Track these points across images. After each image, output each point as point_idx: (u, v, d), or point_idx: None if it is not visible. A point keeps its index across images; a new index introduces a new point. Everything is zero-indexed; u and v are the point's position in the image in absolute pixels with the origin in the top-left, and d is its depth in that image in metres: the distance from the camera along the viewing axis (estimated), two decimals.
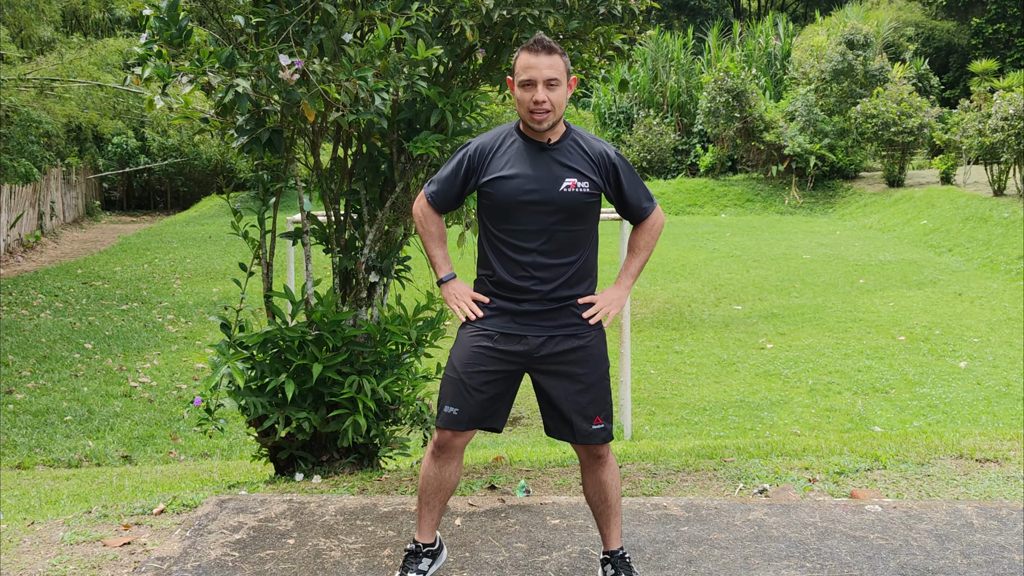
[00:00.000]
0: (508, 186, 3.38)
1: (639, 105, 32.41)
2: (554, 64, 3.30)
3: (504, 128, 3.52)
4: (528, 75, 3.31)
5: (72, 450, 8.71)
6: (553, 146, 3.41)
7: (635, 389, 10.57)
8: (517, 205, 3.38)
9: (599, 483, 3.55)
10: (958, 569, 3.68)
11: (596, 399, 3.47)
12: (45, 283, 17.46)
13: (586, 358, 3.46)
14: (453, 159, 3.50)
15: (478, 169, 3.45)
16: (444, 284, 3.56)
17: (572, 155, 3.41)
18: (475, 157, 3.46)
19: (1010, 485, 4.77)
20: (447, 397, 3.45)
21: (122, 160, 30.28)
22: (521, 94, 3.34)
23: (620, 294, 3.54)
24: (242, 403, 4.97)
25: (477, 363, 3.42)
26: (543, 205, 3.37)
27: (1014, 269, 16.57)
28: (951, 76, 36.06)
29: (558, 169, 3.38)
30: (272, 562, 3.79)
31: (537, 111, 3.32)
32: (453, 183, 3.50)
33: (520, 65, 3.34)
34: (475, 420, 3.45)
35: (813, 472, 5.06)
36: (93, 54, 19.51)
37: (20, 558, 3.95)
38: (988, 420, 9.00)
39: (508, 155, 3.42)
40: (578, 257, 3.44)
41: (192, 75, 4.42)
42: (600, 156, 3.44)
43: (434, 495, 3.53)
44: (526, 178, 3.37)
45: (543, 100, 3.30)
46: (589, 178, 3.40)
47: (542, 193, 3.36)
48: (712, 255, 19.87)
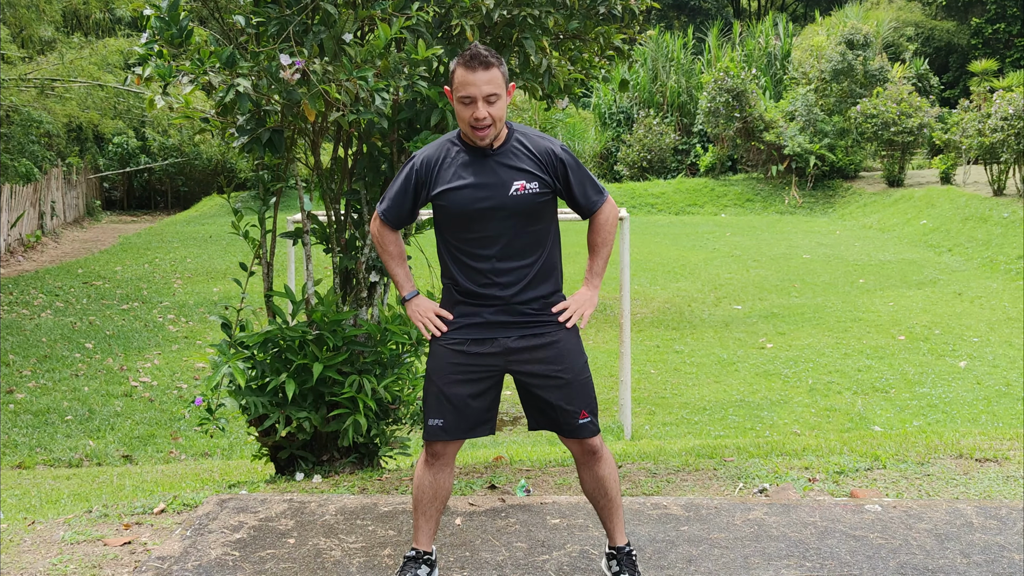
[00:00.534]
0: (458, 197, 3.37)
1: (639, 105, 32.42)
2: (492, 79, 3.26)
3: (447, 137, 3.48)
4: (466, 92, 3.26)
5: (73, 450, 8.72)
6: (497, 151, 3.39)
7: (635, 388, 10.58)
8: (471, 214, 3.37)
9: (597, 478, 3.56)
10: (958, 568, 3.68)
11: (579, 393, 3.47)
12: (46, 283, 17.47)
13: (561, 354, 3.46)
14: (400, 174, 3.48)
15: (427, 183, 3.42)
16: (408, 302, 3.57)
17: (518, 157, 3.39)
18: (422, 171, 3.42)
19: (1010, 484, 4.77)
20: (430, 409, 3.47)
21: (123, 160, 30.27)
22: (461, 110, 3.31)
23: (591, 294, 3.56)
24: (243, 403, 4.98)
25: (453, 373, 3.44)
26: (496, 211, 3.36)
27: (1014, 269, 16.58)
28: (951, 76, 36.07)
29: (505, 173, 3.37)
30: (272, 561, 3.79)
31: (478, 127, 3.30)
32: (404, 199, 3.48)
33: (458, 81, 3.29)
34: (462, 429, 3.47)
35: (813, 472, 5.06)
36: (94, 54, 19.52)
37: (21, 557, 3.95)
38: (988, 420, 9.01)
39: (454, 165, 3.40)
40: (538, 257, 3.45)
41: (193, 75, 4.42)
42: (546, 154, 3.41)
43: (430, 503, 3.54)
44: (475, 187, 3.36)
45: (484, 116, 3.27)
46: (538, 177, 3.38)
47: (493, 200, 3.35)
48: (712, 255, 19.88)
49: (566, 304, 3.50)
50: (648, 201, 27.84)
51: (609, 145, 32.02)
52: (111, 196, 32.17)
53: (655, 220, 25.74)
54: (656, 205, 27.69)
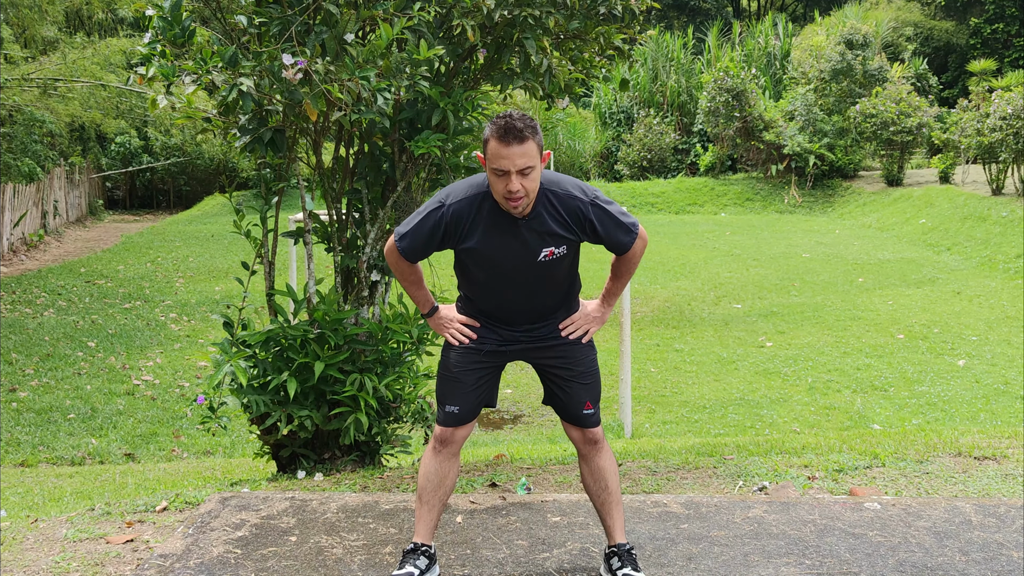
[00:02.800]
0: (484, 258, 3.41)
1: (639, 105, 32.42)
2: (526, 152, 3.20)
3: (479, 189, 3.38)
4: (500, 165, 3.21)
5: (75, 448, 8.73)
6: (528, 217, 3.35)
7: (635, 387, 10.59)
8: (494, 273, 3.44)
9: (597, 469, 3.63)
10: (957, 566, 3.69)
11: (586, 386, 3.62)
12: (48, 282, 17.47)
13: (572, 351, 3.62)
14: (428, 219, 3.39)
15: (454, 236, 3.39)
16: (431, 317, 3.65)
17: (547, 222, 3.35)
18: (451, 224, 3.37)
19: (1008, 483, 4.78)
20: (447, 396, 3.58)
21: (125, 159, 30.27)
22: (494, 180, 3.26)
23: (601, 312, 3.64)
24: (244, 401, 5.00)
25: (473, 363, 3.58)
26: (521, 272, 3.42)
27: (1012, 268, 16.59)
28: (950, 76, 36.06)
29: (535, 240, 3.36)
30: (274, 559, 3.80)
31: (512, 199, 3.25)
32: (428, 244, 3.43)
33: (491, 152, 3.22)
34: (475, 411, 3.61)
35: (812, 470, 5.07)
36: (96, 54, 19.51)
37: (23, 555, 3.96)
38: (987, 418, 9.02)
39: (483, 225, 3.36)
40: (557, 296, 3.57)
41: (195, 74, 4.44)
42: (575, 215, 3.37)
43: (434, 492, 3.58)
44: (502, 250, 3.38)
45: (517, 189, 3.22)
46: (567, 240, 3.39)
47: (520, 265, 3.40)
48: (712, 254, 19.88)
49: (574, 318, 3.61)
50: (648, 200, 27.84)
51: (609, 144, 32.02)
52: (114, 195, 32.19)
53: (655, 219, 25.74)
54: (656, 204, 27.69)
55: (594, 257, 14.07)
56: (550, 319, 3.59)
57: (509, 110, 3.30)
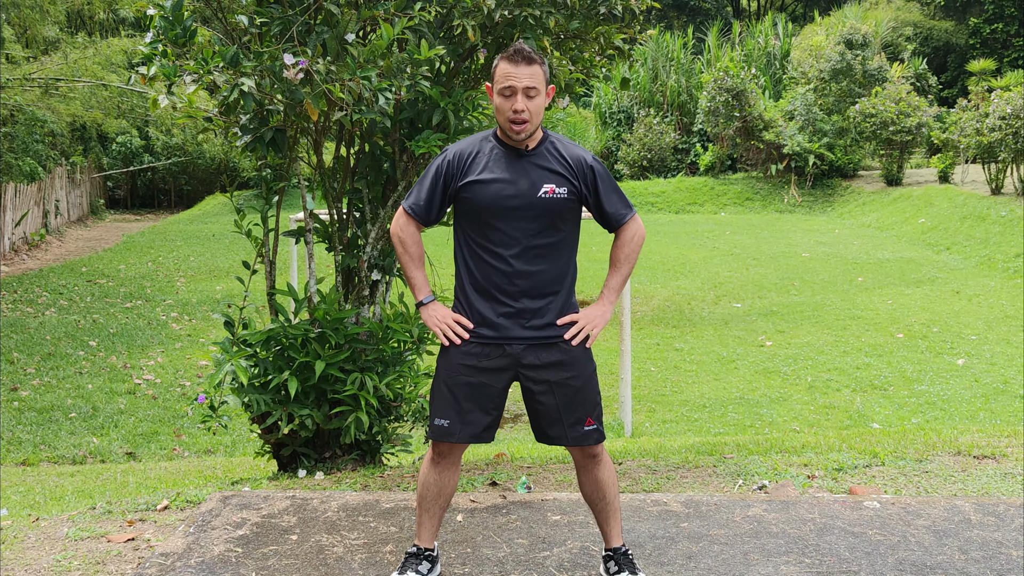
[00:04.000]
0: (486, 191, 3.39)
1: (639, 104, 32.42)
2: (533, 74, 3.32)
3: (481, 135, 3.52)
4: (508, 83, 3.31)
5: (76, 447, 8.74)
6: (531, 152, 3.42)
7: (635, 386, 10.60)
8: (496, 211, 3.39)
9: (596, 482, 3.57)
10: (956, 565, 3.70)
11: (586, 401, 3.48)
12: (50, 281, 17.48)
13: (571, 362, 3.47)
14: (430, 168, 3.48)
15: (456, 174, 3.43)
16: (424, 307, 3.54)
17: (550, 160, 3.42)
18: (454, 162, 3.44)
19: (1008, 481, 4.80)
20: (437, 408, 3.48)
21: (126, 159, 30.28)
22: (500, 102, 3.35)
23: (603, 310, 3.53)
24: (245, 400, 5.01)
25: (463, 375, 3.45)
26: (522, 211, 3.38)
27: (1012, 267, 16.60)
28: (949, 76, 36.04)
29: (536, 174, 3.39)
30: (275, 558, 3.81)
31: (516, 120, 3.33)
32: (433, 191, 3.46)
33: (500, 73, 3.34)
34: (466, 432, 3.45)
35: (812, 469, 5.09)
36: (97, 54, 19.53)
37: (25, 554, 3.97)
38: (986, 417, 9.03)
39: (486, 160, 3.43)
40: (555, 263, 3.45)
41: (196, 74, 4.45)
42: (578, 161, 3.44)
43: (434, 502, 3.56)
44: (504, 183, 3.38)
45: (522, 109, 3.31)
46: (568, 182, 3.41)
47: (521, 199, 3.37)
48: (712, 253, 19.89)
49: (576, 318, 3.49)
50: (648, 200, 27.85)
51: (610, 144, 32.03)
52: (115, 195, 32.22)
53: (655, 219, 25.75)
54: (656, 204, 27.70)
55: (594, 257, 14.09)
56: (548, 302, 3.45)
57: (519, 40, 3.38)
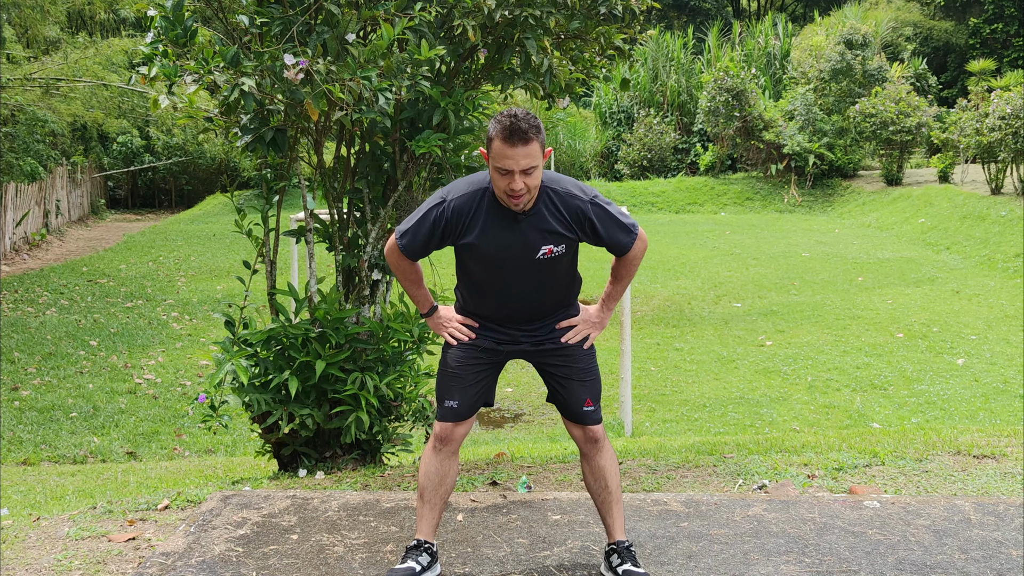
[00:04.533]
0: (484, 254, 3.42)
1: (640, 104, 32.44)
2: (530, 152, 3.23)
3: (480, 185, 3.42)
4: (504, 164, 3.24)
5: (77, 446, 8.74)
6: (528, 214, 3.38)
7: (635, 386, 10.61)
8: (493, 269, 3.46)
9: (598, 469, 3.65)
10: (956, 564, 3.70)
11: (586, 384, 3.64)
12: (51, 281, 17.48)
13: (573, 351, 3.65)
14: (429, 215, 3.42)
15: (454, 231, 3.42)
16: (429, 316, 3.68)
17: (547, 220, 3.38)
18: (452, 220, 3.40)
19: (1008, 481, 4.80)
20: (446, 392, 3.60)
21: (127, 159, 30.28)
22: (497, 178, 3.29)
23: (602, 316, 3.64)
24: (246, 400, 5.01)
25: (471, 359, 3.61)
26: (520, 270, 3.44)
27: (1011, 267, 16.60)
28: (949, 76, 36.06)
29: (534, 236, 3.39)
30: (276, 557, 3.82)
31: (514, 196, 3.29)
32: (428, 241, 3.46)
33: (495, 151, 3.25)
34: (474, 407, 3.62)
35: (812, 468, 5.09)
36: (98, 54, 19.53)
37: (25, 553, 3.98)
38: (986, 417, 9.03)
39: (483, 221, 3.39)
40: (558, 292, 3.59)
41: (197, 74, 4.45)
42: (575, 214, 3.40)
43: (435, 491, 3.60)
44: (501, 247, 3.40)
45: (520, 188, 3.26)
46: (566, 239, 3.41)
47: (518, 261, 3.42)
48: (712, 253, 19.90)
49: (575, 321, 3.62)
50: (648, 200, 27.86)
51: (610, 144, 32.03)
52: (115, 195, 32.23)
53: (655, 218, 25.76)
54: (656, 204, 27.71)
55: (594, 256, 14.09)
56: (549, 319, 3.62)
57: (513, 108, 3.32)
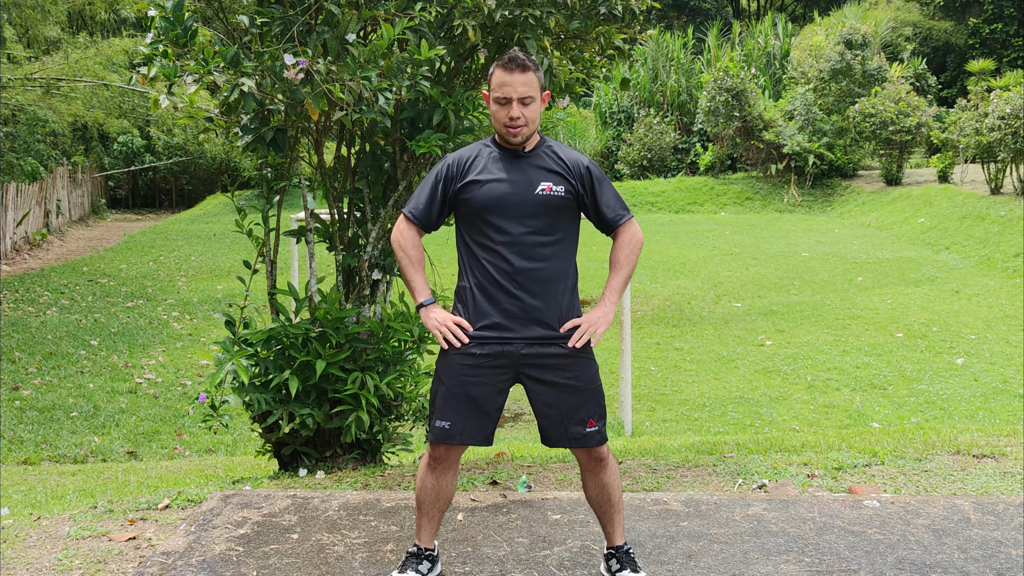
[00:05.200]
0: (485, 189, 3.45)
1: (640, 104, 32.45)
2: (528, 81, 3.40)
3: (480, 142, 3.61)
4: (503, 92, 3.40)
5: (78, 446, 8.75)
6: (528, 153, 3.51)
7: (635, 385, 10.61)
8: (494, 208, 3.43)
9: (601, 485, 3.58)
10: (955, 564, 3.71)
11: (588, 401, 3.49)
12: (51, 280, 17.49)
13: (573, 362, 3.48)
14: (430, 175, 3.57)
15: (455, 177, 3.50)
16: (424, 309, 3.56)
17: (547, 161, 3.50)
18: (453, 166, 3.52)
19: (1007, 481, 4.81)
20: (438, 410, 3.49)
21: (128, 159, 30.30)
22: (496, 110, 3.44)
23: (606, 312, 3.54)
24: (246, 399, 5.02)
25: (463, 375, 3.46)
26: (520, 208, 3.43)
27: (1011, 267, 16.61)
28: (948, 76, 36.07)
29: (533, 173, 3.47)
30: (276, 556, 3.83)
31: (512, 126, 3.41)
32: (433, 196, 3.53)
33: (495, 82, 3.42)
34: (466, 434, 3.46)
35: (812, 468, 5.10)
36: (99, 54, 19.54)
37: (26, 553, 3.99)
38: (985, 416, 9.04)
39: (485, 163, 3.51)
40: (555, 263, 3.47)
41: (197, 74, 4.46)
42: (574, 163, 3.52)
43: (432, 505, 3.58)
44: (502, 182, 3.45)
45: (518, 116, 3.40)
46: (565, 181, 3.47)
47: (518, 196, 3.43)
48: (712, 253, 19.90)
49: (579, 322, 3.51)
50: (648, 200, 27.87)
51: (610, 144, 32.04)
52: (116, 195, 32.24)
53: (655, 218, 25.77)
54: (656, 203, 27.72)
55: (594, 256, 14.10)
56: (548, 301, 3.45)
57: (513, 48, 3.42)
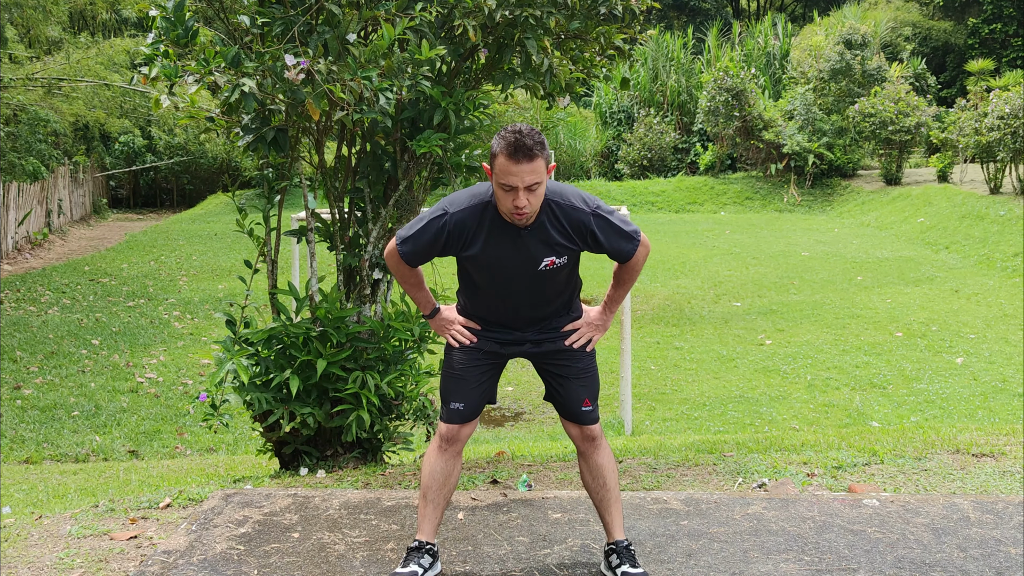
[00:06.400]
0: (486, 266, 3.45)
1: (640, 104, 32.45)
2: (535, 169, 3.22)
3: (482, 198, 3.41)
4: (508, 181, 3.23)
5: (79, 445, 8.76)
6: (531, 227, 3.38)
7: (635, 385, 10.62)
8: (496, 280, 3.49)
9: (596, 467, 3.66)
10: (955, 562, 3.72)
11: (585, 383, 3.66)
12: (53, 280, 17.49)
13: (575, 351, 3.67)
14: (431, 226, 3.40)
15: (456, 244, 3.42)
16: (432, 318, 3.68)
17: (550, 232, 3.39)
18: (454, 233, 3.39)
19: (1006, 480, 4.81)
20: (451, 393, 3.61)
21: (129, 158, 30.28)
22: (501, 194, 3.28)
23: (604, 318, 3.66)
24: (247, 399, 5.02)
25: (475, 360, 3.63)
26: (522, 280, 3.46)
27: (1010, 266, 16.62)
28: (948, 75, 36.08)
29: (536, 249, 3.40)
30: (277, 555, 3.83)
31: (518, 214, 3.29)
32: (429, 250, 3.46)
33: (499, 168, 3.23)
34: (478, 408, 3.63)
35: (811, 467, 5.10)
36: (100, 54, 19.56)
37: (28, 551, 3.99)
38: (984, 415, 9.04)
39: (485, 234, 3.39)
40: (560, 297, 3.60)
41: (198, 74, 4.47)
42: (578, 227, 3.41)
43: (439, 490, 3.61)
44: (503, 260, 3.42)
45: (524, 205, 3.26)
46: (568, 250, 3.43)
47: (520, 272, 3.44)
48: (712, 252, 19.91)
49: (577, 324, 3.65)
50: (648, 199, 27.88)
51: (610, 144, 32.05)
52: (117, 194, 32.22)
53: (655, 218, 25.77)
54: (656, 203, 27.72)
55: (594, 256, 14.14)
56: (550, 321, 3.64)
57: (518, 124, 3.29)
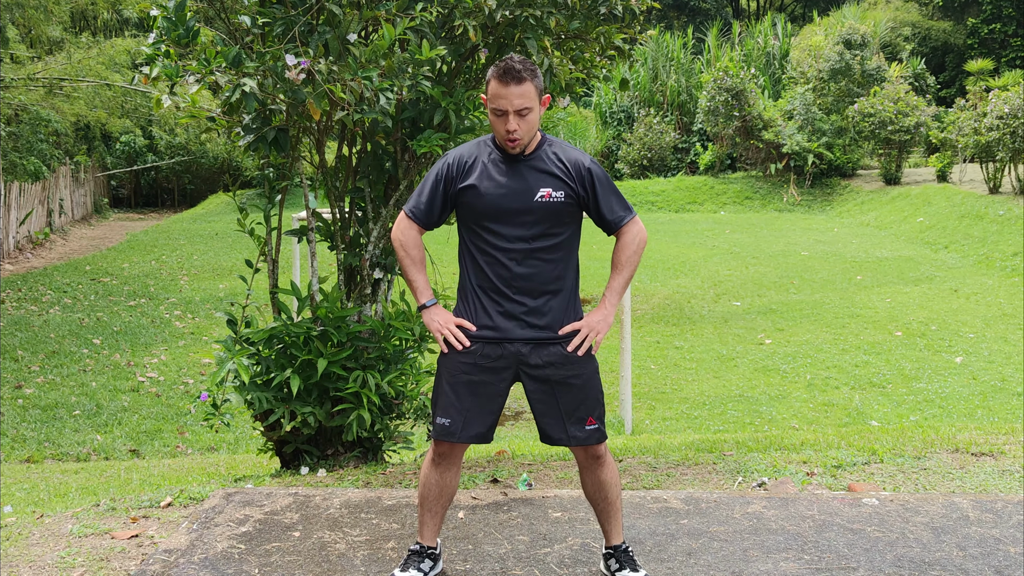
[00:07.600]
0: (484, 195, 3.41)
1: (640, 104, 32.45)
2: (524, 92, 3.30)
3: (481, 139, 3.54)
4: (499, 105, 3.32)
5: (80, 444, 8.77)
6: (528, 156, 3.44)
7: (635, 384, 10.62)
8: (494, 215, 3.41)
9: (599, 483, 3.57)
10: (954, 561, 3.73)
11: (587, 400, 3.48)
12: (54, 279, 17.49)
13: (572, 360, 3.47)
14: (431, 173, 3.50)
15: (455, 178, 3.45)
16: (425, 310, 3.54)
17: (547, 164, 3.43)
18: (453, 166, 3.46)
19: (1006, 479, 4.82)
20: (438, 408, 3.49)
21: (130, 158, 30.28)
22: (494, 120, 3.37)
23: (605, 315, 3.51)
24: (248, 398, 5.03)
25: (464, 373, 3.46)
26: (520, 215, 3.40)
27: (1009, 266, 16.63)
28: (947, 75, 36.08)
29: (533, 178, 3.41)
30: (278, 554, 3.84)
31: (509, 139, 3.35)
32: (433, 195, 3.48)
33: (491, 92, 3.34)
34: (467, 432, 3.46)
35: (811, 466, 5.11)
36: (101, 54, 19.57)
37: (29, 550, 3.99)
38: (984, 415, 9.05)
39: (484, 165, 3.44)
40: (556, 266, 3.45)
41: (199, 74, 4.48)
42: (575, 164, 3.44)
43: (435, 501, 3.57)
44: (501, 188, 3.40)
45: (514, 129, 3.33)
46: (565, 185, 3.41)
47: (518, 202, 3.39)
48: (711, 252, 19.91)
49: (578, 326, 3.48)
50: (648, 199, 27.88)
51: (610, 144, 32.05)
52: (118, 194, 32.24)
53: (655, 217, 25.78)
54: (656, 203, 27.73)
55: (594, 256, 14.11)
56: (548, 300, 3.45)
57: (511, 53, 3.33)
